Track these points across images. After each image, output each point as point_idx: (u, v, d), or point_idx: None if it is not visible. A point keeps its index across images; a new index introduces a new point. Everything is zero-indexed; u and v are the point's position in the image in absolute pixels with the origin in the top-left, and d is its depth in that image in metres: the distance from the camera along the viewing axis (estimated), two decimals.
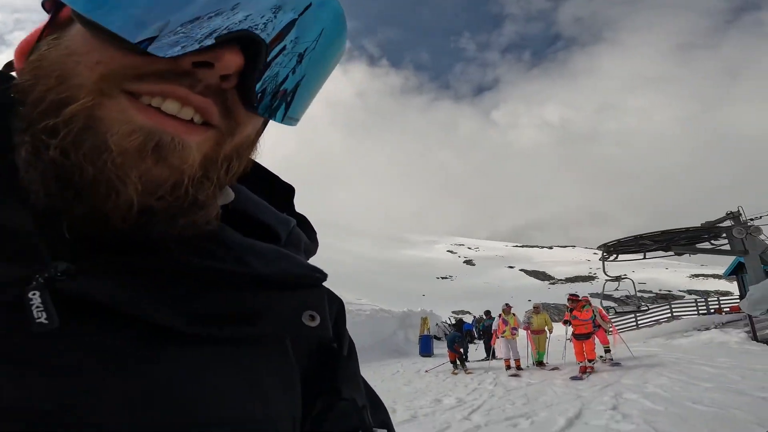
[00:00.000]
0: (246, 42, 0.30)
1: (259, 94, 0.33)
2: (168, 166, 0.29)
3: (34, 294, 0.26)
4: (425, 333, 14.61)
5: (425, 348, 13.51)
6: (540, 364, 9.12)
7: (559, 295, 48.83)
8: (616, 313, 18.12)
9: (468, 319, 31.10)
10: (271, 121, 0.37)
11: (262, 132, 0.40)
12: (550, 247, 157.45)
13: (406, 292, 52.62)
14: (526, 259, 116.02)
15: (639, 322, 18.40)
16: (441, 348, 13.08)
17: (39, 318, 0.26)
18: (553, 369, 8.61)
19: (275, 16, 0.32)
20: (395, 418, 5.00)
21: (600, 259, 17.32)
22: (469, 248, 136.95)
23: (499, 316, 9.48)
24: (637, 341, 11.32)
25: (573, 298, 8.83)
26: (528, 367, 8.95)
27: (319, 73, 0.38)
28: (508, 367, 8.68)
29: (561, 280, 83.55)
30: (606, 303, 17.80)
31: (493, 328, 9.56)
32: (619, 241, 16.28)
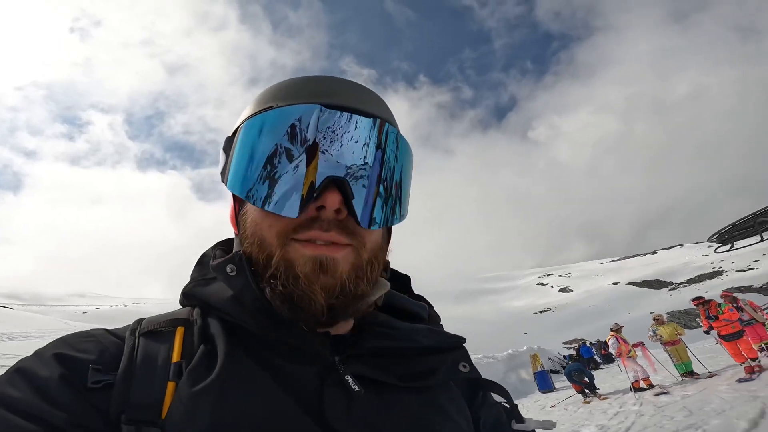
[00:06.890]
0: (338, 182, 0.47)
1: (370, 211, 0.49)
2: (331, 276, 0.47)
3: (347, 376, 0.47)
4: (539, 369, 13.25)
5: (544, 384, 12.16)
6: (691, 374, 7.73)
7: (684, 300, 42.43)
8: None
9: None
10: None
11: (389, 236, 0.58)
12: (654, 252, 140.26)
13: (507, 334, 48.94)
14: (628, 271, 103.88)
15: None
16: (562, 381, 11.68)
17: (356, 389, 0.47)
18: (709, 377, 7.20)
19: (362, 151, 0.49)
20: None
21: (715, 251, 14.97)
22: (560, 275, 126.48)
23: (614, 336, 8.54)
24: None
25: (698, 301, 7.76)
26: (682, 381, 7.65)
27: (406, 179, 0.55)
28: (637, 390, 7.53)
29: (682, 283, 73.04)
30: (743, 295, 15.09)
31: (614, 350, 8.58)
32: (733, 224, 13.87)
